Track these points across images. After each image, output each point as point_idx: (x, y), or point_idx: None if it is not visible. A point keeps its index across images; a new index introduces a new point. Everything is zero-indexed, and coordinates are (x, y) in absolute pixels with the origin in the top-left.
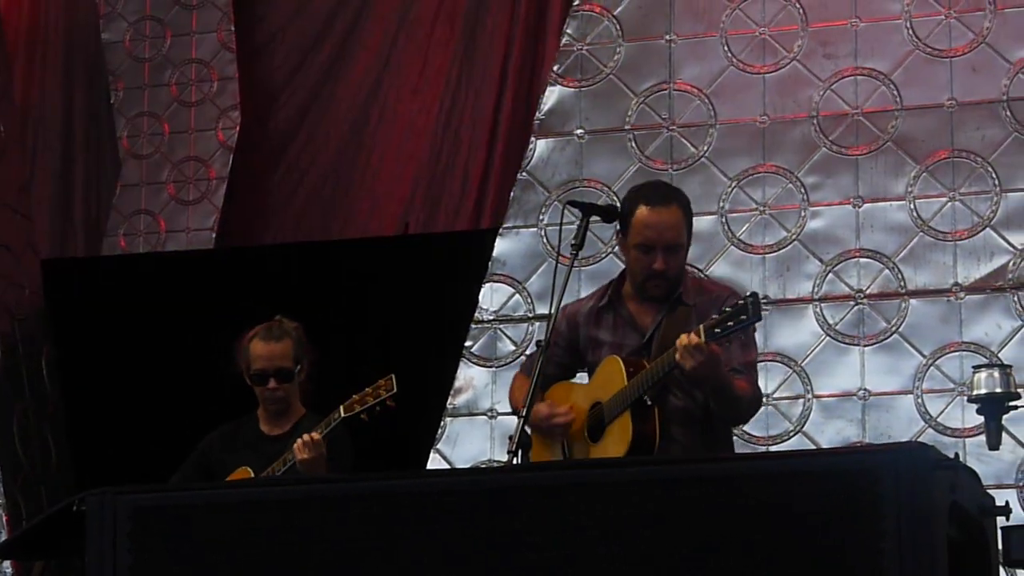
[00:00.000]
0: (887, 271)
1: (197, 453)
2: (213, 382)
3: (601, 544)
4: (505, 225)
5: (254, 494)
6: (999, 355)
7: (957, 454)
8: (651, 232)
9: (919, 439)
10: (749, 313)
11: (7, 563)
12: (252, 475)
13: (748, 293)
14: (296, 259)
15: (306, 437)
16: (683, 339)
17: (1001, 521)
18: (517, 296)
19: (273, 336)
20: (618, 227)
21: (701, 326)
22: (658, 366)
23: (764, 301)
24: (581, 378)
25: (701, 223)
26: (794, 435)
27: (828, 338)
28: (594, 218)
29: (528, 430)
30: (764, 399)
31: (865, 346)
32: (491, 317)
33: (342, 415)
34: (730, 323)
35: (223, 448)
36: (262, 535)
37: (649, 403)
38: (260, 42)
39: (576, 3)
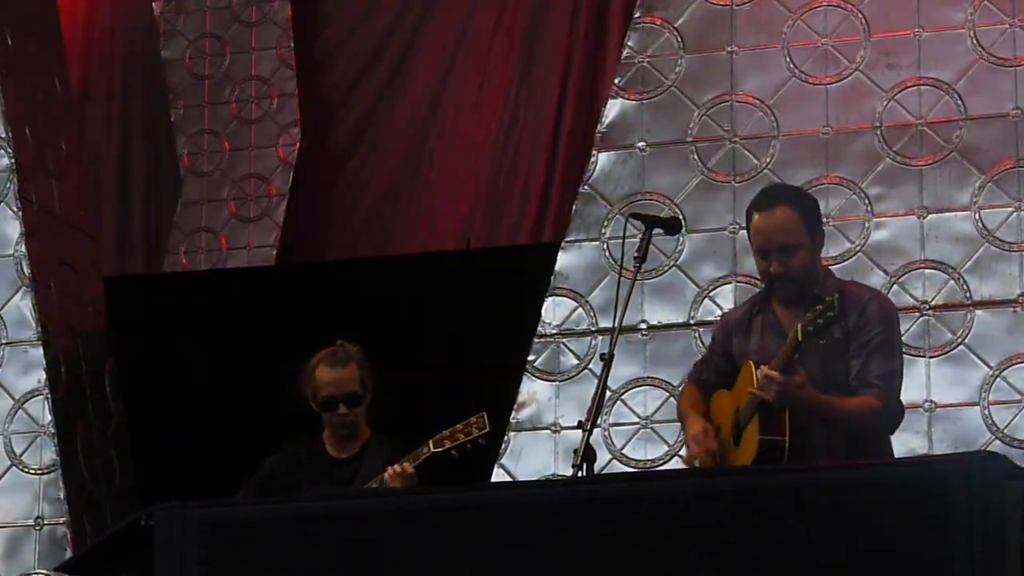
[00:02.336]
0: (952, 282)
1: (259, 475)
2: (275, 400)
3: (667, 556)
4: (567, 239)
5: (323, 508)
6: None
7: None
8: (762, 237)
9: (991, 451)
10: (835, 311)
11: None
12: None
13: (836, 290)
14: (358, 275)
15: (398, 468)
16: (760, 371)
17: None
18: (580, 310)
19: (339, 362)
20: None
21: (798, 326)
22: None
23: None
24: None
25: None
26: None
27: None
28: (657, 231)
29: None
30: None
31: (931, 357)
32: (554, 331)
33: (432, 450)
34: (819, 321)
35: (287, 471)
36: (331, 548)
37: (776, 407)
38: (319, 58)
39: (637, 16)
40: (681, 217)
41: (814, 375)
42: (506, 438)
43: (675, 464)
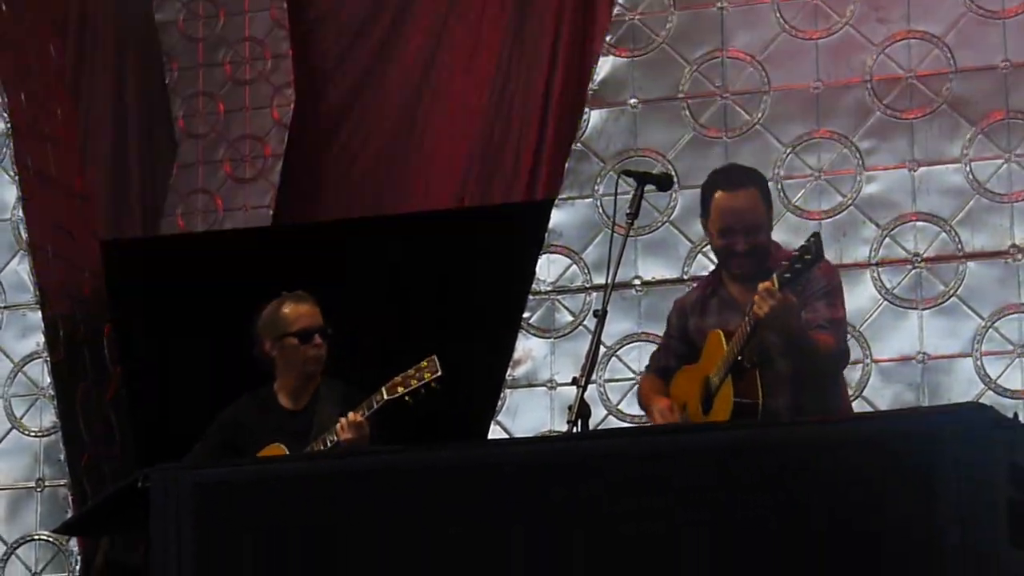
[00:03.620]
0: (944, 234)
1: (219, 426)
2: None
3: (656, 514)
4: (561, 196)
5: (316, 468)
6: None
7: (1016, 414)
8: (730, 216)
9: (979, 402)
10: (813, 252)
11: (73, 540)
12: (286, 451)
13: (812, 234)
14: (354, 234)
15: (350, 417)
16: (760, 286)
17: None
18: (574, 267)
19: (302, 299)
20: (700, 212)
21: (774, 275)
22: (744, 325)
23: None
24: None
25: None
26: (854, 400)
27: (886, 302)
28: (649, 187)
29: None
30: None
31: (923, 310)
32: (548, 288)
33: (385, 397)
34: (797, 266)
35: (247, 423)
36: (324, 508)
37: (748, 367)
38: (313, 20)
39: None
40: (674, 173)
41: None
42: (502, 395)
43: None
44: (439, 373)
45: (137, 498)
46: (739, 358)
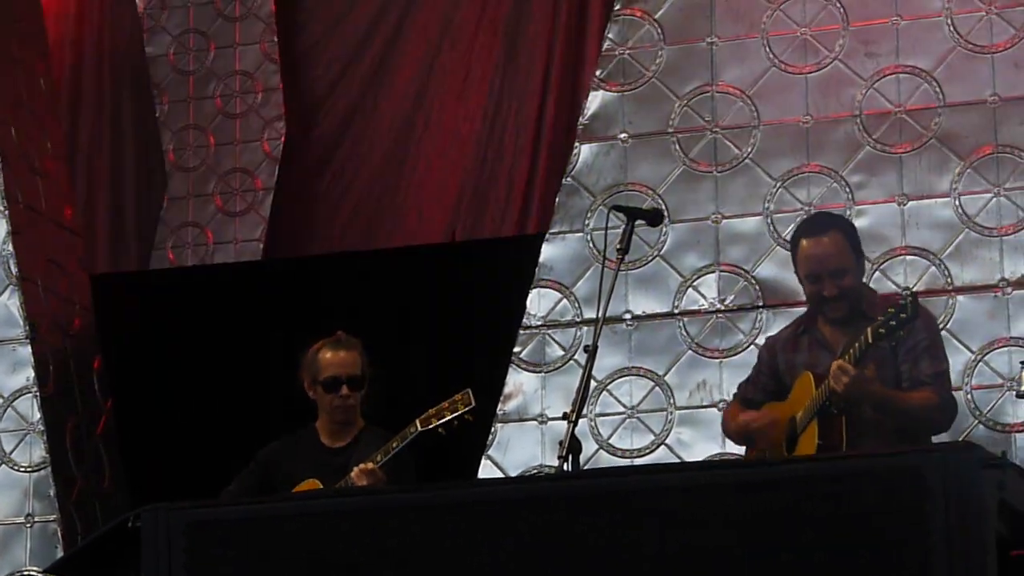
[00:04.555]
0: (933, 268)
1: (256, 464)
2: (264, 393)
3: (656, 549)
4: (551, 230)
5: (307, 507)
6: None
7: (1004, 452)
8: (814, 263)
9: (970, 435)
10: (908, 311)
11: None
12: (320, 487)
13: (904, 288)
14: (344, 269)
15: (363, 467)
16: (834, 364)
17: None
18: (564, 301)
19: (342, 345)
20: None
21: (868, 329)
22: (822, 390)
23: None
24: None
25: (747, 224)
26: None
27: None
28: (639, 222)
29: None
30: None
31: None
32: (539, 322)
33: (419, 429)
34: (892, 322)
35: (285, 459)
36: (316, 547)
37: (836, 412)
38: (303, 52)
39: (617, 8)
40: (664, 207)
41: None
42: (493, 430)
43: (661, 453)
44: (473, 405)
45: (128, 538)
46: (827, 403)
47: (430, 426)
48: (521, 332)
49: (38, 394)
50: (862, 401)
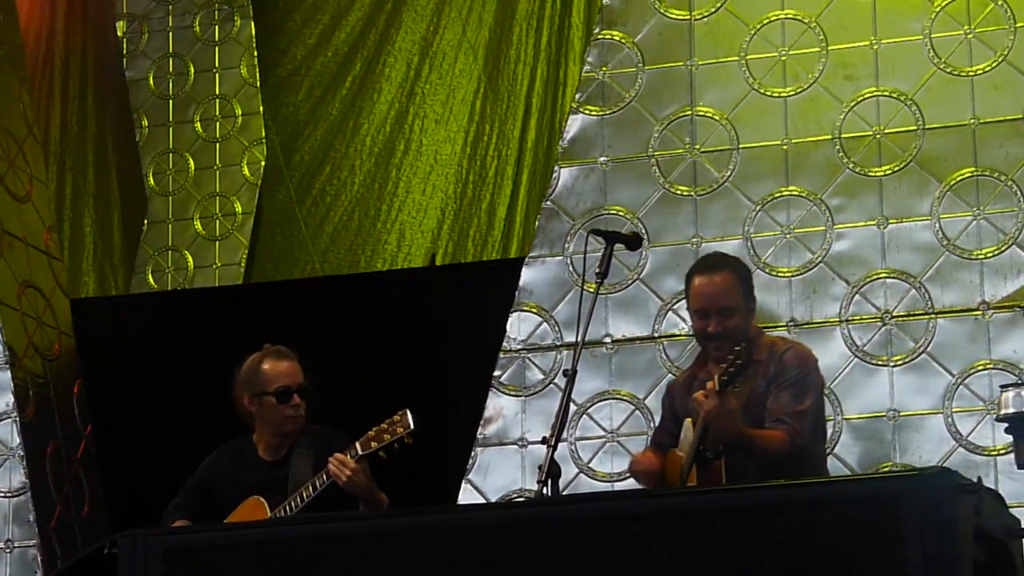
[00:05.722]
0: (914, 291)
1: (196, 481)
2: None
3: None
4: (531, 254)
5: (284, 533)
6: None
7: (980, 477)
8: (703, 299)
9: (950, 458)
10: (742, 358)
11: None
12: (266, 504)
13: (739, 345)
14: (324, 293)
15: (339, 457)
16: (708, 384)
17: None
18: (544, 325)
19: (284, 355)
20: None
21: (715, 376)
22: (701, 418)
23: (791, 324)
24: None
25: (726, 247)
26: None
27: (856, 359)
28: (618, 246)
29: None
30: None
31: (893, 366)
32: (519, 346)
33: (360, 453)
34: (731, 369)
35: (227, 473)
36: (294, 573)
37: (711, 456)
38: (283, 76)
39: (596, 31)
40: (644, 231)
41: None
42: (473, 454)
43: None
44: (411, 427)
45: (105, 564)
46: (701, 448)
47: (369, 450)
48: (501, 356)
49: (18, 419)
50: (721, 429)
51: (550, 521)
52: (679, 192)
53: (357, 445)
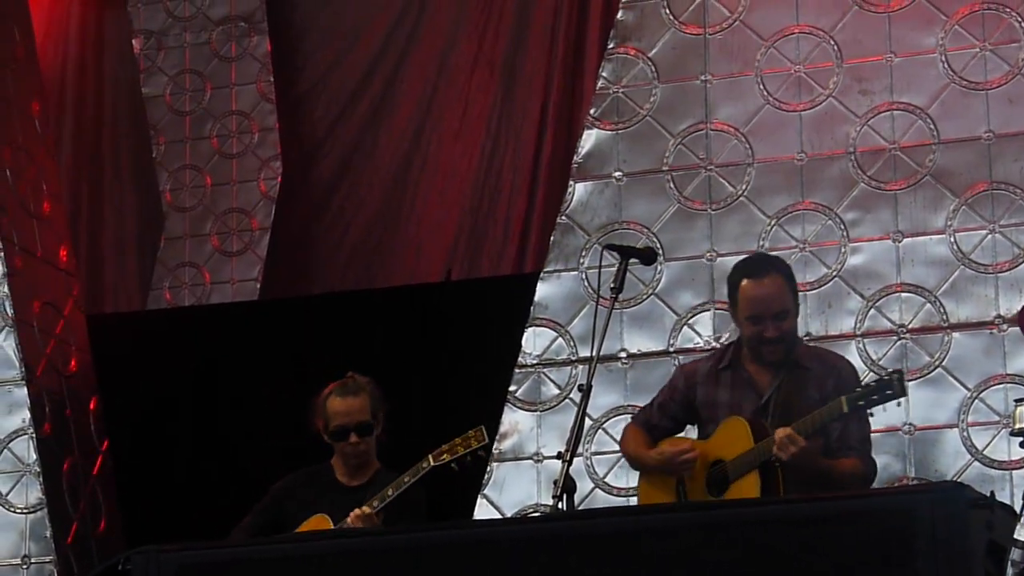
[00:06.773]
0: (929, 305)
1: (270, 498)
2: (261, 434)
3: None
4: (546, 269)
5: (298, 549)
6: None
7: (993, 492)
8: (757, 304)
9: (965, 472)
10: (895, 390)
11: None
12: (330, 520)
13: (893, 370)
14: (340, 308)
15: (360, 510)
16: (780, 432)
17: None
18: (560, 340)
19: (350, 392)
20: (727, 300)
21: (843, 399)
22: (761, 448)
23: (806, 338)
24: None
25: None
26: None
27: (871, 374)
28: (633, 260)
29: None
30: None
31: (909, 381)
32: (535, 361)
33: (432, 464)
34: (874, 396)
35: (300, 494)
36: None
37: (777, 465)
38: (300, 93)
39: (611, 46)
40: (658, 245)
41: None
42: (489, 469)
43: None
44: (486, 441)
45: None
46: (773, 459)
47: (442, 461)
48: (516, 371)
49: (34, 435)
50: (804, 471)
51: (566, 536)
52: (694, 207)
53: (430, 457)
